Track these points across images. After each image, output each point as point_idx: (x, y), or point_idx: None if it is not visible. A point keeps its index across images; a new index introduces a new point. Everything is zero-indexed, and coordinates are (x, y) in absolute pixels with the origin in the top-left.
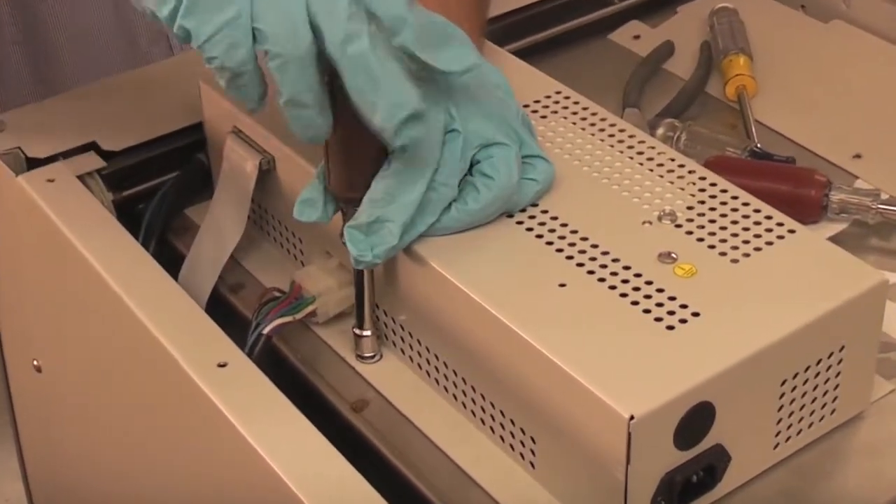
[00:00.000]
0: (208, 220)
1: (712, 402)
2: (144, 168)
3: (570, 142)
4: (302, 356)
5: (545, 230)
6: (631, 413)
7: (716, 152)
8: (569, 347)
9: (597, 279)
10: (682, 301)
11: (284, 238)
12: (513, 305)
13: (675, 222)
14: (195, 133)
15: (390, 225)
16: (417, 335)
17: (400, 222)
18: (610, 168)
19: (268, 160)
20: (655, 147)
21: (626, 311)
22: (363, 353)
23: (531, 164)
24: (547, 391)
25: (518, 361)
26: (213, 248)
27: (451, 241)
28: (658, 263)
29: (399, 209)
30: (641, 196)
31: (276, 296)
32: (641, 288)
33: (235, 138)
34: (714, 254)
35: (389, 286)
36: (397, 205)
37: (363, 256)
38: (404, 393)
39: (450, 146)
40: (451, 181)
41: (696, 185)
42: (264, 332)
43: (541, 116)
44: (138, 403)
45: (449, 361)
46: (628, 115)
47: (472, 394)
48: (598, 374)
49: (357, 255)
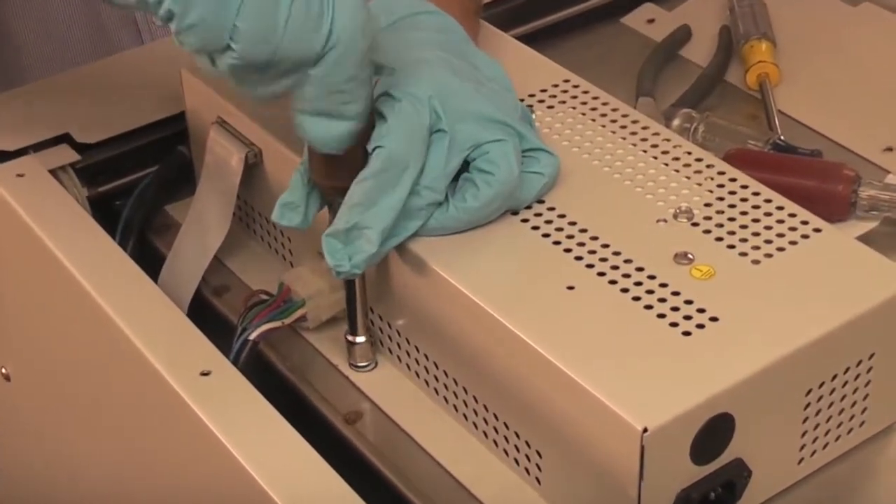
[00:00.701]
0: (191, 217)
1: (732, 413)
2: (122, 162)
3: (578, 134)
4: (291, 364)
5: (552, 229)
6: (644, 425)
7: (736, 145)
8: (577, 355)
9: (608, 281)
10: (700, 305)
11: (272, 237)
12: (517, 309)
13: (692, 220)
14: (176, 124)
15: (369, 232)
16: (415, 342)
17: (379, 229)
18: (622, 162)
19: (254, 153)
20: (671, 139)
21: (640, 315)
22: (357, 361)
23: (534, 158)
24: (554, 402)
25: (523, 370)
26: (196, 248)
27: (452, 241)
28: (673, 265)
29: (378, 214)
30: (656, 192)
31: (264, 299)
32: (656, 291)
33: (219, 129)
34: (734, 254)
35: (385, 290)
36: (377, 210)
37: (340, 266)
38: (401, 404)
39: (435, 147)
40: (437, 185)
41: (715, 180)
42: (251, 338)
43: (547, 107)
44: (116, 415)
45: (449, 370)
46: (642, 105)
47: (473, 404)
48: (609, 383)
49: (334, 265)
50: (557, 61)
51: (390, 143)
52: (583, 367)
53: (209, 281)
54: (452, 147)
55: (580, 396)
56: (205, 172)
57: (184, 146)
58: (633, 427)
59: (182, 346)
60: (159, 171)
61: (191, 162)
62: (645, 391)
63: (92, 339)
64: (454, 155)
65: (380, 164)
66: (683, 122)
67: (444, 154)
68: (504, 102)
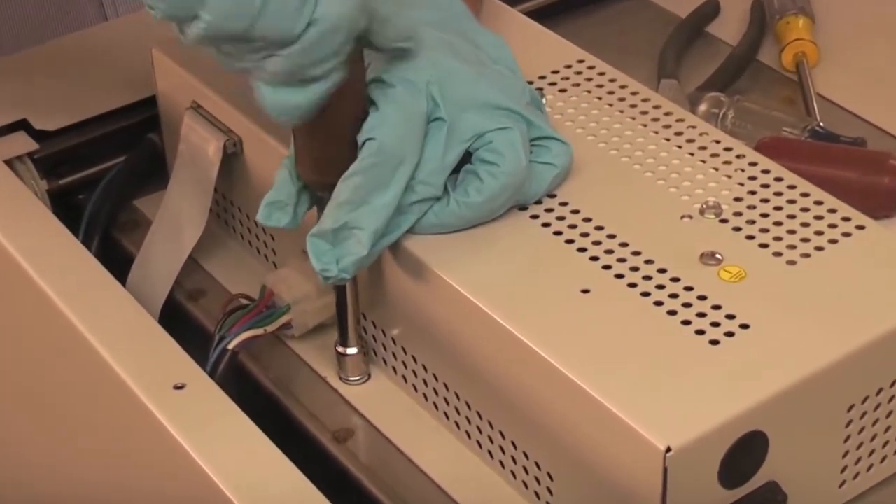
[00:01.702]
0: (162, 213)
1: (764, 431)
2: (85, 151)
3: (594, 120)
4: (275, 376)
5: (565, 226)
6: (667, 444)
7: (769, 132)
8: (593, 366)
9: (626, 284)
10: (729, 311)
11: (254, 235)
12: (526, 315)
13: (721, 216)
14: (146, 109)
15: (359, 233)
16: (413, 351)
17: (371, 229)
18: (642, 152)
19: (234, 141)
20: (697, 126)
21: (662, 322)
22: (348, 373)
23: (544, 147)
24: (567, 418)
25: (533, 383)
26: (169, 248)
27: (453, 240)
28: (700, 266)
29: (370, 214)
30: (680, 185)
31: (244, 304)
32: (680, 295)
33: (195, 115)
34: (767, 254)
35: (379, 294)
36: (368, 208)
37: (327, 271)
38: (397, 420)
39: (432, 137)
40: (433, 179)
41: (746, 171)
42: (229, 347)
43: (559, 90)
44: (82, 432)
45: (450, 383)
46: (664, 88)
47: (477, 421)
48: (628, 397)
49: (321, 269)
50: (570, 39)
51: (383, 135)
52: (599, 380)
53: (183, 284)
54: (452, 137)
55: (596, 412)
56: (178, 163)
57: (155, 134)
58: (654, 446)
59: (153, 357)
60: (127, 161)
61: (162, 151)
62: (668, 407)
63: (54, 349)
64: (453, 145)
65: (371, 158)
66: (711, 106)
67: (441, 144)
68: (510, 87)
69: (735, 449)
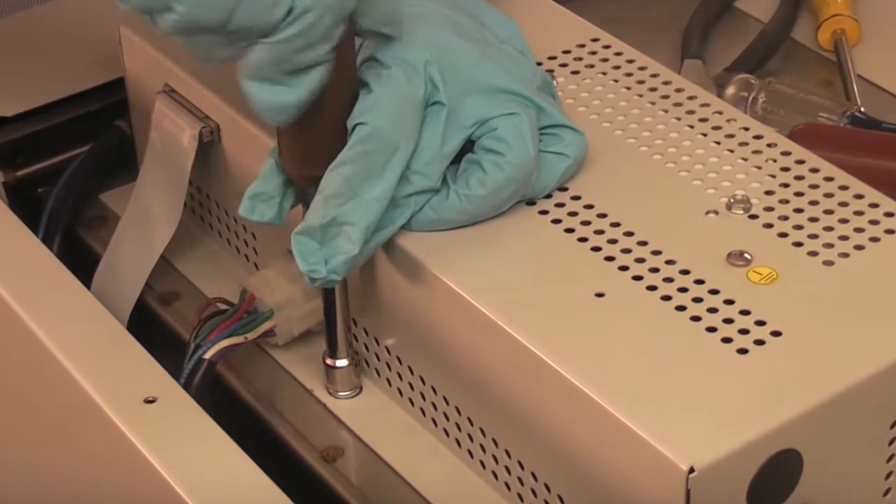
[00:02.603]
0: (132, 208)
1: (798, 449)
2: (46, 139)
3: (610, 105)
4: (256, 389)
5: (577, 222)
6: (690, 464)
7: (804, 118)
8: (608, 378)
9: (645, 287)
10: (759, 316)
11: (233, 233)
12: (534, 323)
13: (750, 212)
14: (113, 93)
15: (349, 229)
16: (409, 362)
17: (362, 225)
18: (663, 140)
19: (210, 129)
20: (724, 112)
21: (685, 329)
22: (337, 386)
23: (556, 135)
24: (579, 436)
25: (541, 397)
26: (139, 246)
27: (453, 237)
28: (727, 266)
29: (361, 208)
30: (705, 177)
31: (222, 309)
32: (704, 299)
33: (167, 100)
34: (801, 253)
35: (371, 299)
36: (359, 202)
37: (315, 272)
38: (391, 438)
39: (430, 123)
40: (430, 169)
41: (778, 162)
42: (206, 357)
43: (572, 72)
44: (41, 449)
45: (451, 396)
46: (688, 69)
47: (480, 439)
48: (647, 413)
49: (307, 271)
50: (584, 16)
51: (376, 120)
52: (614, 393)
53: (155, 287)
54: (452, 123)
55: (611, 429)
56: (149, 153)
57: (123, 120)
58: (676, 466)
59: (121, 368)
60: (92, 150)
61: (132, 140)
62: (690, 423)
63: (11, 359)
64: (454, 133)
65: (362, 145)
66: (740, 89)
67: (440, 131)
68: (518, 68)
69: (765, 469)
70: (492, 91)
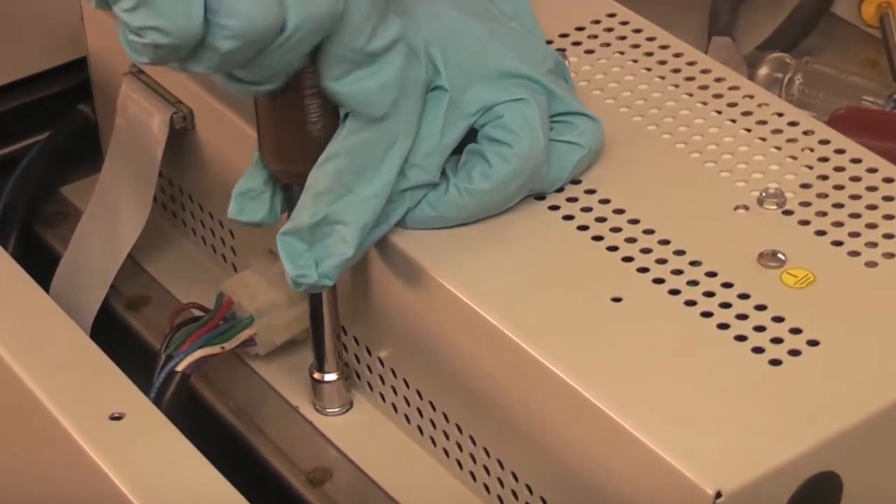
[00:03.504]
0: (96, 202)
1: (837, 472)
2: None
3: (628, 88)
4: (235, 405)
5: (591, 219)
6: (717, 488)
7: (846, 102)
8: (627, 393)
9: (667, 291)
10: (794, 324)
11: (208, 230)
12: (545, 331)
13: (784, 207)
14: (75, 74)
15: (342, 229)
16: (404, 375)
17: (358, 224)
18: (687, 127)
19: (183, 114)
20: (755, 96)
21: (711, 338)
22: (325, 403)
23: (569, 123)
24: (595, 456)
25: (552, 414)
26: (103, 245)
27: (454, 237)
28: (758, 268)
29: (355, 205)
30: (733, 169)
31: (197, 315)
32: (733, 304)
33: (135, 82)
34: (840, 253)
35: (363, 305)
36: (353, 199)
37: (304, 277)
38: (384, 459)
39: (430, 110)
40: (428, 162)
41: (816, 151)
42: (179, 369)
43: (585, 51)
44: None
45: (451, 413)
46: (716, 48)
47: (484, 459)
48: (670, 432)
49: (296, 275)
50: None
51: None
52: (633, 410)
53: (121, 290)
54: (454, 110)
55: (631, 450)
56: (114, 141)
57: (85, 104)
58: (702, 491)
59: (84, 381)
60: (52, 138)
61: (95, 126)
62: (718, 443)
63: None
64: (455, 121)
65: (357, 136)
66: (773, 70)
67: (440, 119)
68: (528, 49)
69: (801, 494)
70: (498, 74)
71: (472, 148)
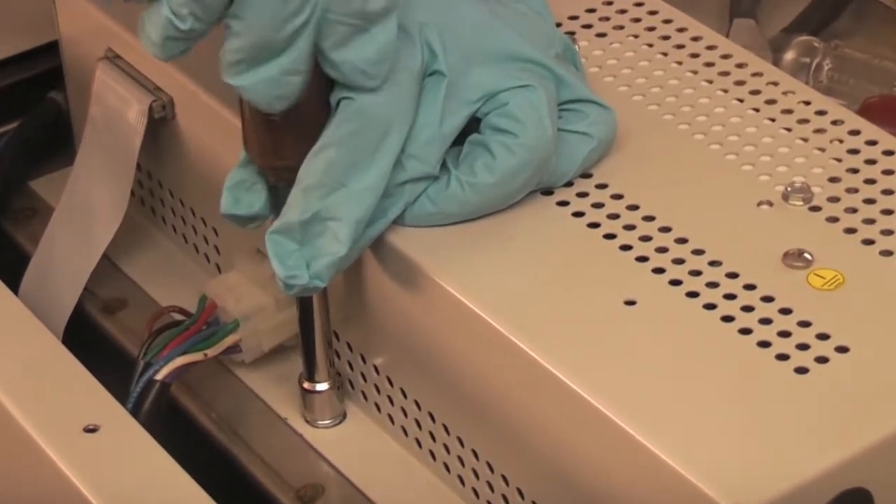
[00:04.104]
0: (68, 198)
1: (868, 489)
2: None
3: (643, 75)
4: (219, 416)
5: (603, 216)
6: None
7: (878, 90)
8: (641, 403)
9: (684, 294)
10: (821, 329)
11: (190, 227)
12: (553, 337)
13: (811, 203)
14: (46, 59)
15: (335, 225)
16: (401, 384)
17: (351, 220)
18: (706, 117)
19: (163, 103)
20: (780, 82)
21: (732, 344)
22: (316, 414)
23: (578, 112)
24: (608, 472)
25: (560, 424)
26: (77, 244)
27: (455, 235)
28: (783, 269)
29: (349, 200)
30: (756, 161)
31: (178, 320)
32: (756, 308)
33: (111, 68)
34: (871, 253)
35: (357, 309)
36: (346, 193)
37: (295, 278)
38: (380, 474)
39: (428, 97)
40: (427, 153)
41: (845, 143)
42: (158, 377)
43: (597, 34)
44: None
45: (452, 425)
46: (738, 31)
47: (487, 475)
48: (687, 445)
49: (286, 276)
50: None
51: (364, 94)
52: (648, 422)
53: (96, 292)
54: (454, 97)
55: (646, 464)
56: (88, 131)
57: (57, 92)
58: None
59: (57, 390)
60: (20, 128)
61: (68, 115)
62: (739, 457)
63: None
64: (456, 108)
65: (349, 124)
66: (800, 55)
67: (439, 107)
68: (534, 32)
69: None
70: (502, 59)
71: (474, 139)
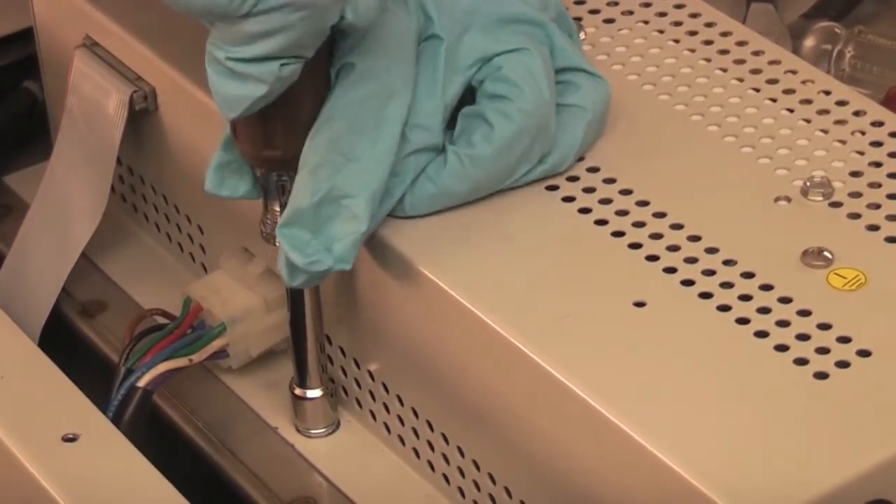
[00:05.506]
0: (44, 194)
1: (892, 501)
2: None
3: (654, 63)
4: (205, 424)
5: (611, 212)
6: None
7: None
8: (651, 410)
9: (697, 295)
10: (842, 331)
11: (174, 224)
12: (558, 340)
13: (831, 199)
14: (20, 47)
15: (351, 202)
16: (397, 390)
17: (367, 193)
18: (720, 107)
19: (144, 93)
20: (799, 70)
21: (748, 347)
22: (308, 422)
23: (570, 83)
24: (616, 482)
25: (566, 433)
26: (54, 242)
27: (452, 231)
28: (802, 268)
29: (361, 172)
30: (773, 154)
31: (161, 323)
32: (773, 309)
33: (89, 56)
34: (895, 251)
35: (350, 311)
36: (357, 166)
37: (317, 264)
38: (376, 486)
39: (428, 63)
40: (431, 121)
41: (868, 134)
42: (140, 384)
43: (605, 20)
44: None
45: (451, 434)
46: (755, 16)
47: (489, 487)
48: (699, 455)
49: (307, 263)
50: None
51: (364, 59)
52: (659, 431)
53: (74, 294)
54: (452, 62)
55: (656, 475)
56: (65, 124)
57: (32, 82)
58: None
59: (34, 397)
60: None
61: (43, 106)
62: (755, 467)
63: None
64: (452, 76)
65: (353, 91)
66: (821, 41)
67: (440, 72)
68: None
69: None
70: (494, 21)
71: (468, 111)
